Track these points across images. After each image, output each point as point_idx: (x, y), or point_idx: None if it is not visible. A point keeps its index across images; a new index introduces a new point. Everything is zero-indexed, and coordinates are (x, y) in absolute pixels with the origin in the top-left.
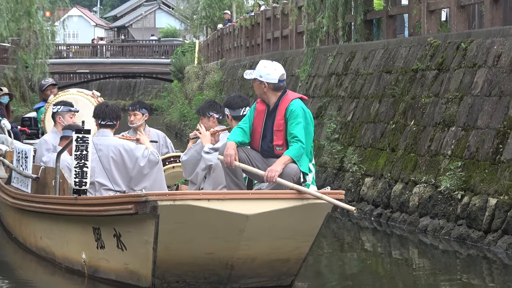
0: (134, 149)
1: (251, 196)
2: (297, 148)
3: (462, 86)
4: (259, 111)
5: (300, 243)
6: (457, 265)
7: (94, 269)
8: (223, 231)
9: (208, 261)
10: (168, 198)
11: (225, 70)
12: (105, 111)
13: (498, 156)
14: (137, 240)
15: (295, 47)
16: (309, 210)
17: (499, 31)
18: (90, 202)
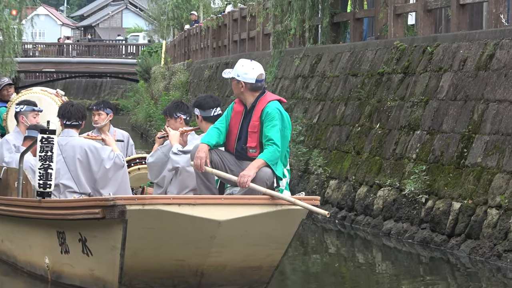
0: (100, 150)
1: (223, 201)
2: (272, 151)
3: (427, 90)
4: (236, 112)
5: (273, 250)
6: (420, 268)
7: (58, 275)
8: (194, 237)
9: (178, 268)
10: (137, 202)
11: (191, 71)
12: (70, 110)
13: (463, 161)
14: (104, 246)
15: (262, 48)
16: (283, 217)
17: (465, 35)
18: (54, 205)
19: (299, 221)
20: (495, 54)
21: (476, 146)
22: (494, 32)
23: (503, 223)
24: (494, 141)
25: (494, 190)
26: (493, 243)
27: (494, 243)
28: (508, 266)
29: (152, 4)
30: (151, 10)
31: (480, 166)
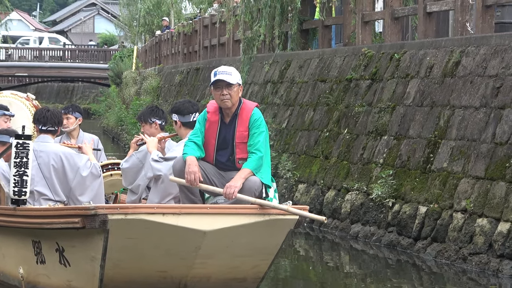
0: (76, 157)
1: (209, 210)
2: (257, 159)
3: (394, 96)
4: (211, 122)
5: (259, 261)
6: (387, 271)
7: (33, 285)
8: (178, 248)
9: (160, 279)
10: (120, 211)
11: (162, 76)
12: (46, 116)
13: (429, 165)
14: (83, 256)
15: (232, 54)
16: (271, 227)
17: (432, 42)
18: (30, 213)
19: (287, 231)
20: (461, 61)
21: (442, 151)
22: (460, 40)
23: (468, 227)
24: (460, 147)
25: (459, 195)
26: (459, 246)
27: (459, 246)
28: (473, 269)
29: (124, 10)
30: (123, 16)
31: (446, 171)
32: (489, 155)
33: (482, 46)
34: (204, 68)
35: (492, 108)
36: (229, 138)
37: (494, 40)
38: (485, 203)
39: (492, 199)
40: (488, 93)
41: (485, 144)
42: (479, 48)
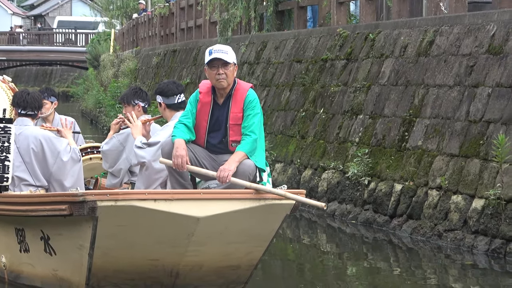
0: (56, 141)
1: (202, 196)
2: (251, 141)
3: (369, 75)
4: (203, 103)
5: (253, 248)
6: (363, 248)
7: (16, 274)
8: (170, 235)
9: (151, 268)
10: (109, 198)
11: (140, 58)
12: (26, 99)
13: (404, 144)
14: (69, 244)
15: (209, 36)
16: (266, 212)
17: (406, 22)
18: (13, 200)
19: (282, 217)
20: (434, 40)
21: (417, 130)
22: (433, 20)
23: (443, 204)
24: (434, 125)
25: (434, 172)
26: (434, 223)
27: (434, 223)
28: (448, 245)
29: None
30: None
31: (420, 149)
32: (463, 133)
33: (456, 25)
34: (181, 50)
35: (466, 86)
36: (222, 119)
37: (467, 19)
38: (460, 180)
39: (466, 176)
40: (462, 72)
41: (459, 122)
42: (453, 27)
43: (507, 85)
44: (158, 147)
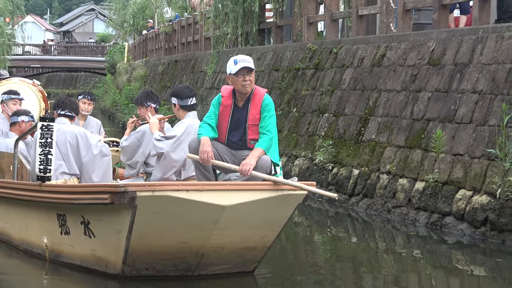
0: (89, 136)
1: (228, 187)
2: (268, 139)
3: (333, 82)
4: (225, 106)
5: (268, 232)
6: (328, 221)
7: (57, 254)
8: (199, 221)
9: (180, 249)
10: (147, 189)
11: (148, 67)
12: (65, 102)
13: (360, 137)
14: (108, 229)
15: (204, 49)
16: (282, 201)
17: (363, 39)
18: (58, 189)
19: (295, 205)
20: (386, 54)
21: (371, 126)
22: (385, 37)
23: (392, 185)
24: (385, 122)
25: (385, 160)
26: (384, 201)
27: (385, 201)
28: (395, 218)
29: (116, 13)
30: (116, 19)
31: (374, 141)
32: (408, 129)
33: (403, 42)
34: (181, 60)
35: (411, 91)
36: (241, 120)
37: (412, 37)
38: (405, 166)
39: (410, 163)
40: (407, 79)
41: (405, 120)
42: (400, 43)
43: (444, 90)
44: (175, 140)
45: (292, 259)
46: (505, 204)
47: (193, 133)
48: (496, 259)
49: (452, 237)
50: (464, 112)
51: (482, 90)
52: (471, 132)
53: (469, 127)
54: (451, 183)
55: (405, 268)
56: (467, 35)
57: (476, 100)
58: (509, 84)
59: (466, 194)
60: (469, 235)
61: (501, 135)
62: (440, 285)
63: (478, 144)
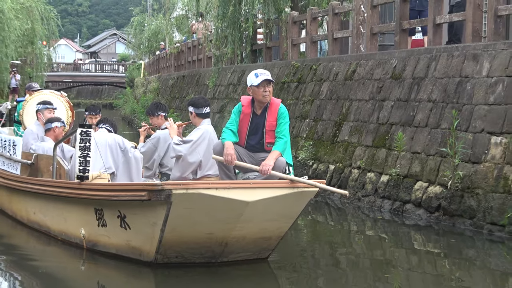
0: (125, 142)
1: (252, 185)
2: (283, 143)
3: (313, 93)
4: (245, 114)
5: (283, 224)
6: (308, 208)
7: (94, 243)
8: (225, 215)
9: (207, 240)
10: (182, 187)
11: (160, 81)
12: (107, 118)
13: (336, 138)
14: (144, 222)
15: (206, 66)
16: (297, 197)
17: (337, 58)
18: (97, 187)
19: (308, 200)
20: (356, 70)
21: (344, 129)
22: (355, 56)
23: (361, 178)
24: (356, 126)
25: (355, 157)
26: (355, 191)
27: (356, 191)
28: (365, 206)
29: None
30: (134, 42)
31: (347, 142)
32: (375, 131)
33: (370, 60)
34: (188, 75)
35: (377, 100)
36: (259, 126)
37: (378, 56)
38: (372, 162)
39: (376, 160)
40: (374, 91)
41: (372, 124)
42: (368, 61)
43: (404, 100)
44: (191, 144)
45: (293, 245)
46: (455, 194)
47: (208, 138)
48: (448, 239)
49: (411, 221)
50: (421, 118)
51: (435, 99)
52: (427, 134)
53: (425, 130)
54: (410, 176)
55: (373, 247)
56: (423, 54)
57: (431, 108)
58: (458, 94)
59: (422, 185)
60: (425, 219)
61: (451, 137)
62: (402, 260)
63: (432, 144)
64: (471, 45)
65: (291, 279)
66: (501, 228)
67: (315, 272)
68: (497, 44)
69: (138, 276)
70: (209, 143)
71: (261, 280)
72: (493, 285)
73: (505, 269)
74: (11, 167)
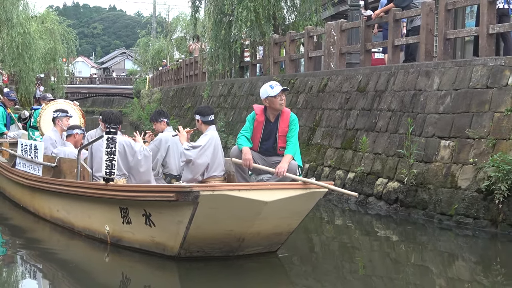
0: (134, 145)
1: (270, 186)
2: (295, 147)
3: (291, 103)
4: (259, 121)
5: (293, 221)
6: None
7: (118, 239)
8: (245, 214)
9: (226, 236)
10: (209, 189)
11: (163, 92)
12: (111, 117)
13: (310, 141)
14: (169, 220)
15: (201, 80)
16: (308, 197)
17: (312, 73)
18: (124, 188)
19: (317, 200)
20: (327, 84)
21: (317, 133)
22: (327, 72)
23: (332, 175)
24: (327, 131)
25: (327, 157)
26: None
27: None
28: (334, 198)
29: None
30: (140, 59)
31: (319, 144)
32: (343, 136)
33: (339, 75)
34: (186, 88)
35: (345, 109)
36: (273, 132)
37: (346, 72)
38: (341, 162)
39: (344, 159)
40: (343, 101)
41: (341, 129)
42: (338, 76)
43: (367, 109)
44: (200, 149)
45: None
46: (410, 188)
47: (213, 143)
48: (405, 227)
49: (374, 211)
50: (382, 124)
51: (394, 109)
52: (387, 138)
53: (385, 134)
54: (373, 174)
55: (341, 233)
56: (384, 70)
57: (390, 116)
58: (413, 104)
59: (383, 181)
60: (385, 210)
61: (407, 140)
62: (365, 245)
63: (391, 146)
64: (424, 63)
65: (295, 270)
66: (449, 218)
67: (301, 258)
68: (446, 63)
69: (163, 268)
70: (215, 147)
71: (272, 272)
72: (442, 265)
73: (452, 252)
74: (33, 169)
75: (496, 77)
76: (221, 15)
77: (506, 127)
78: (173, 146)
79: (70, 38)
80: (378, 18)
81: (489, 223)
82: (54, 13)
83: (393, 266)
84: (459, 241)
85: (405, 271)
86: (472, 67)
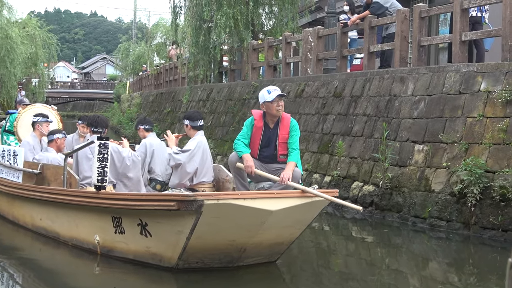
0: (121, 150)
1: (275, 195)
2: (297, 154)
3: None
4: (258, 127)
5: (295, 230)
6: None
7: (109, 249)
8: (248, 223)
9: (228, 246)
10: (213, 198)
11: (143, 97)
12: (97, 120)
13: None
14: (168, 230)
15: (181, 85)
16: (312, 206)
17: (289, 79)
18: (117, 197)
19: (321, 209)
20: (305, 89)
21: None
22: (304, 78)
23: (309, 179)
24: (304, 135)
25: (304, 161)
26: None
27: None
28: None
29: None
30: (121, 64)
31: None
32: (319, 140)
33: (316, 81)
34: (165, 93)
35: (321, 114)
36: (272, 139)
37: (323, 78)
38: (317, 165)
39: (321, 163)
40: (319, 106)
41: (318, 134)
42: (315, 82)
43: (344, 114)
44: (189, 153)
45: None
46: (385, 192)
47: (202, 148)
48: (380, 229)
49: (349, 214)
50: (357, 129)
51: (369, 114)
52: (362, 142)
53: (361, 139)
54: (349, 177)
55: (318, 236)
56: (360, 76)
57: (365, 121)
58: (388, 110)
59: (359, 184)
60: (361, 213)
61: (382, 145)
62: (340, 247)
63: (367, 151)
64: (399, 69)
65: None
66: (422, 220)
67: (294, 261)
68: (420, 69)
69: (159, 280)
70: (203, 152)
71: (272, 284)
72: (415, 267)
73: (426, 254)
74: (12, 175)
75: (469, 83)
76: (201, 21)
77: (478, 131)
78: (158, 151)
79: (51, 44)
80: (354, 25)
81: (462, 226)
82: (36, 19)
83: (368, 268)
84: (433, 243)
85: (380, 273)
86: (446, 73)
